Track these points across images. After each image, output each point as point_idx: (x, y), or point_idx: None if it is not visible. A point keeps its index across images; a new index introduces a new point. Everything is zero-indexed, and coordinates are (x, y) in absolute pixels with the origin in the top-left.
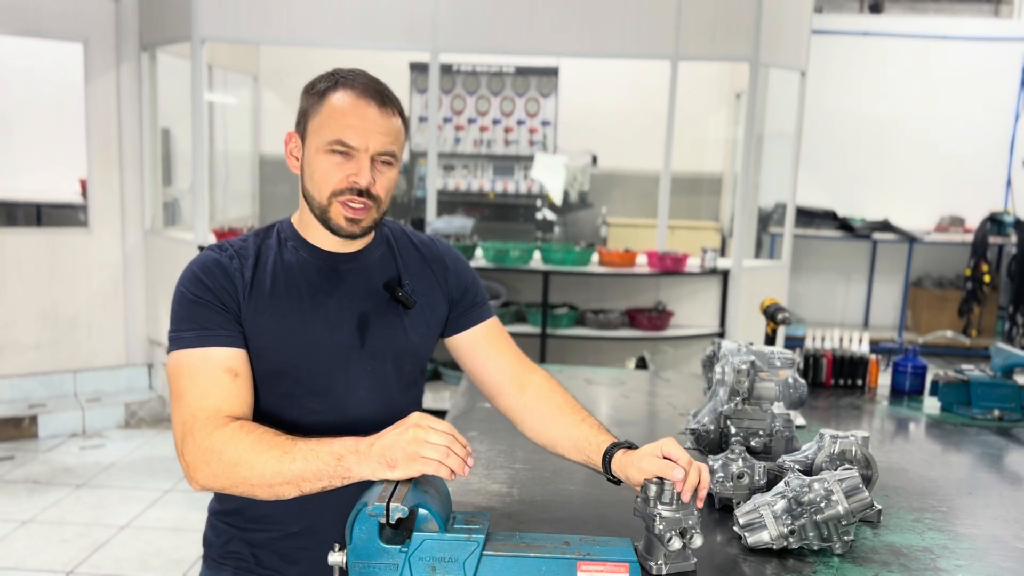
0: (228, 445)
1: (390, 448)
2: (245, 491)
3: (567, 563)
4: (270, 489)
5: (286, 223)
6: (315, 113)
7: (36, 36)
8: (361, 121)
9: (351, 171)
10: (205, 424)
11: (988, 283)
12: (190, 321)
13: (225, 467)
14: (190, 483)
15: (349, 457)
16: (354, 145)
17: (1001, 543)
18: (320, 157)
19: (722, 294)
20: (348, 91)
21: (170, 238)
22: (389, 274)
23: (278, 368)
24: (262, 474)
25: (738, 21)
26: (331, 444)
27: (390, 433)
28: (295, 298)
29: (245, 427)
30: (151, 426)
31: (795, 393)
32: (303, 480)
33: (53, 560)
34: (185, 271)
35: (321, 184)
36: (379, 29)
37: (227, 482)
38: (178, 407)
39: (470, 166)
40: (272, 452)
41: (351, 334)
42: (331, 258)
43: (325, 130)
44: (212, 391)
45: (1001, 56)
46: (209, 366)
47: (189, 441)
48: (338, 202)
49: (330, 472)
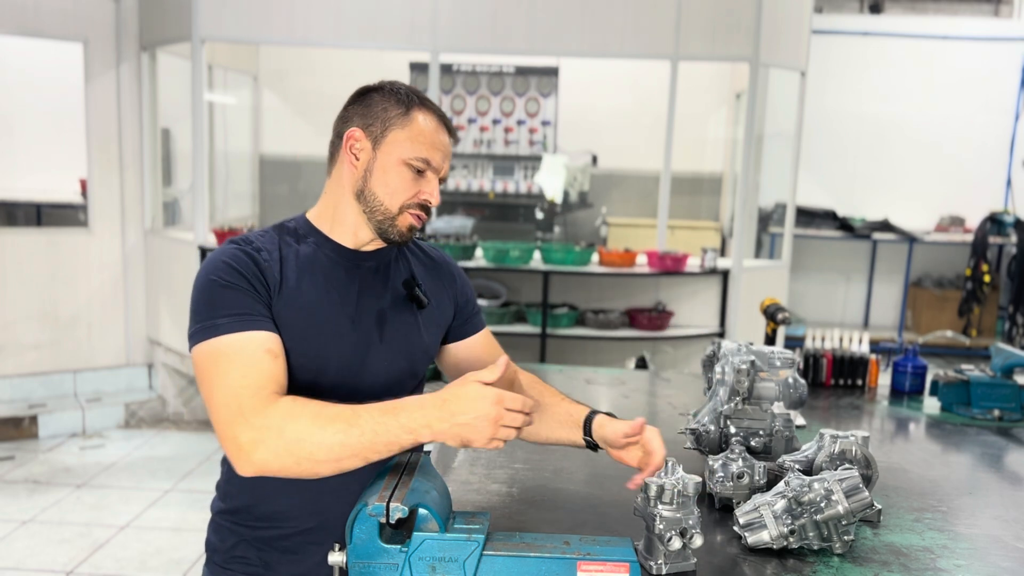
0: (287, 421)
1: (469, 429)
2: (307, 468)
3: (567, 563)
4: (337, 464)
5: (301, 220)
6: (399, 125)
7: (36, 36)
8: (442, 146)
9: (424, 188)
10: (254, 401)
11: (988, 283)
12: (225, 307)
13: (287, 444)
14: (241, 468)
15: (422, 431)
16: (435, 166)
17: (1001, 543)
18: (400, 169)
19: (722, 294)
20: (431, 116)
21: (170, 238)
22: (404, 274)
23: (303, 361)
24: (330, 447)
25: (738, 21)
26: (397, 415)
27: (466, 410)
28: (321, 292)
29: (299, 401)
30: (151, 426)
31: (795, 393)
32: (372, 452)
33: (53, 560)
34: (210, 261)
35: (396, 193)
36: (379, 29)
37: (289, 460)
38: (218, 391)
39: (470, 166)
40: (336, 424)
41: (371, 329)
42: (352, 255)
43: (410, 145)
44: (253, 370)
45: (1001, 56)
46: (249, 348)
47: (240, 422)
48: (408, 213)
49: (401, 442)
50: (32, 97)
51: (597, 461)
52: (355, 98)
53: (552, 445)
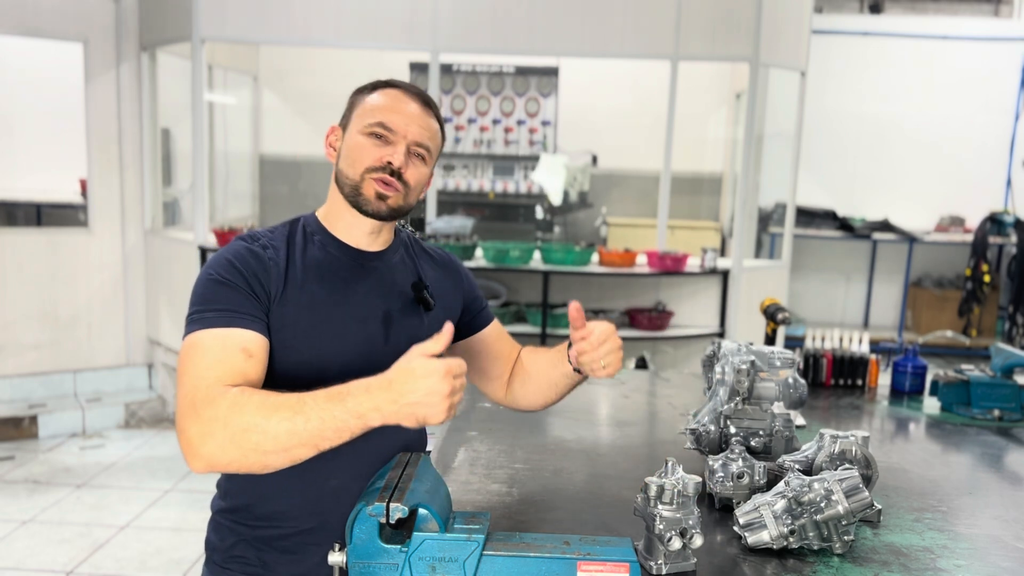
0: (232, 411)
1: (421, 407)
2: (256, 461)
3: (567, 563)
4: (285, 454)
5: (311, 218)
6: (360, 104)
7: (36, 36)
8: (404, 111)
9: (387, 153)
10: (207, 393)
11: (988, 283)
12: (215, 302)
13: (233, 435)
14: (192, 463)
15: (371, 415)
16: (394, 129)
17: (1001, 543)
18: (360, 138)
19: (722, 294)
20: (395, 89)
21: (170, 238)
22: (409, 275)
23: (307, 359)
24: (275, 437)
25: (738, 21)
26: (343, 400)
27: (412, 389)
28: (326, 290)
29: (246, 391)
30: (151, 426)
31: (795, 393)
32: (322, 439)
33: (53, 560)
34: (216, 257)
35: (356, 161)
36: (379, 29)
37: (236, 452)
38: (182, 383)
39: (470, 166)
40: (282, 413)
41: (376, 329)
42: (357, 254)
43: (368, 116)
44: (220, 365)
45: (1001, 56)
46: (224, 344)
47: (191, 415)
48: (371, 178)
49: (351, 427)
50: (32, 97)
51: (597, 461)
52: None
53: (557, 398)
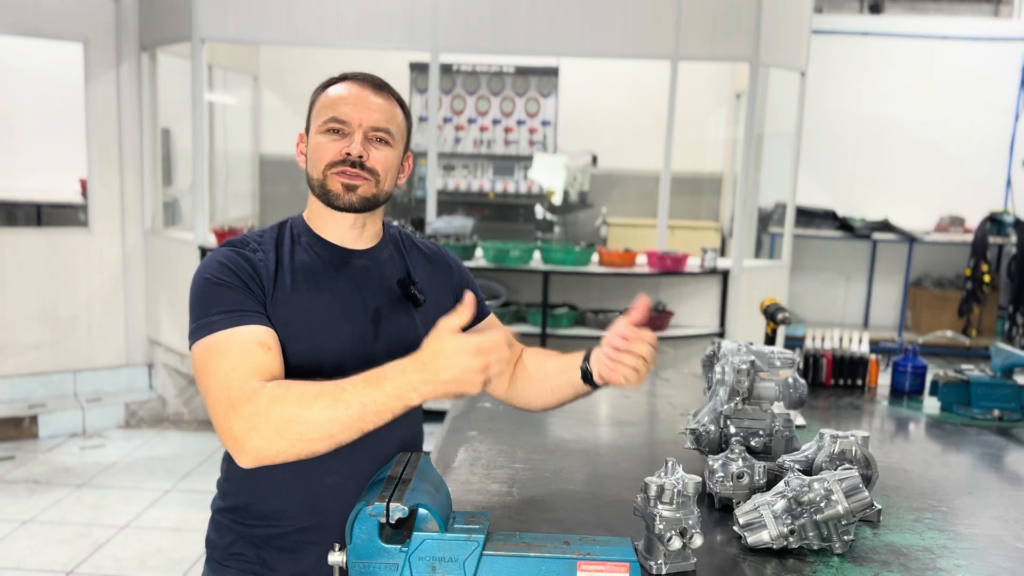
0: (273, 405)
1: (457, 384)
2: (302, 448)
3: (567, 563)
4: (331, 439)
5: (297, 219)
6: (316, 104)
7: (36, 36)
8: (354, 100)
9: (344, 145)
10: (241, 391)
11: (988, 283)
12: (218, 304)
13: (277, 428)
14: (241, 459)
15: (410, 395)
16: (347, 120)
17: (1001, 543)
18: (318, 137)
19: (722, 294)
20: (343, 82)
21: (170, 238)
22: (399, 271)
23: (298, 360)
24: (319, 425)
25: (738, 21)
26: (381, 384)
27: (447, 367)
28: (314, 291)
29: (283, 384)
30: (151, 426)
31: (795, 393)
32: (364, 423)
33: (53, 560)
34: (206, 262)
35: (316, 160)
36: (379, 29)
37: (282, 443)
38: (212, 385)
39: (470, 166)
40: (322, 401)
41: (366, 327)
42: (344, 253)
43: (322, 113)
44: (243, 361)
45: (1001, 56)
46: (240, 341)
47: (231, 413)
48: (332, 173)
49: (392, 408)
50: (32, 97)
51: (597, 461)
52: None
53: (557, 404)
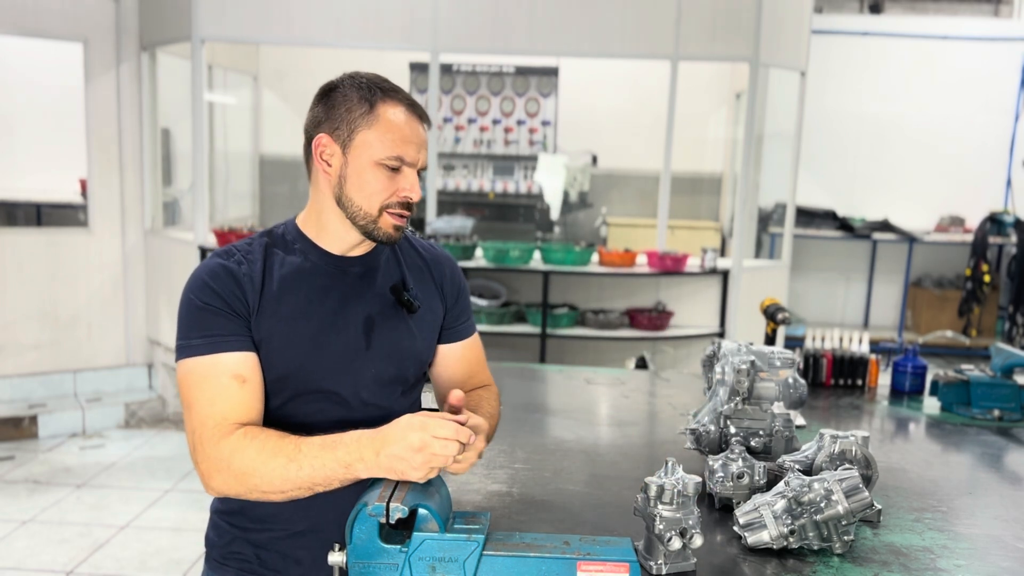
0: (235, 454)
1: (398, 461)
2: (259, 497)
3: (567, 563)
4: (283, 494)
5: (291, 225)
6: (365, 125)
7: (36, 36)
8: (415, 138)
9: (402, 185)
10: (213, 432)
11: (988, 283)
12: (199, 328)
13: (236, 476)
14: (207, 490)
15: (356, 465)
16: (409, 161)
17: (1001, 543)
18: (374, 170)
19: (722, 294)
20: (399, 107)
21: (170, 238)
22: (394, 277)
23: (286, 371)
24: (271, 481)
25: (738, 21)
26: (335, 450)
27: (394, 441)
28: (303, 301)
29: (249, 433)
30: (151, 426)
31: (795, 393)
32: (314, 485)
33: (53, 560)
34: (192, 278)
35: (373, 197)
36: (379, 29)
37: (241, 489)
38: (188, 416)
39: (470, 166)
40: (278, 460)
41: (357, 336)
42: (339, 261)
43: (381, 145)
44: (219, 398)
45: (1001, 56)
46: (216, 373)
47: (200, 450)
48: (388, 214)
49: (339, 477)
50: (32, 97)
51: (597, 461)
52: (318, 99)
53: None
